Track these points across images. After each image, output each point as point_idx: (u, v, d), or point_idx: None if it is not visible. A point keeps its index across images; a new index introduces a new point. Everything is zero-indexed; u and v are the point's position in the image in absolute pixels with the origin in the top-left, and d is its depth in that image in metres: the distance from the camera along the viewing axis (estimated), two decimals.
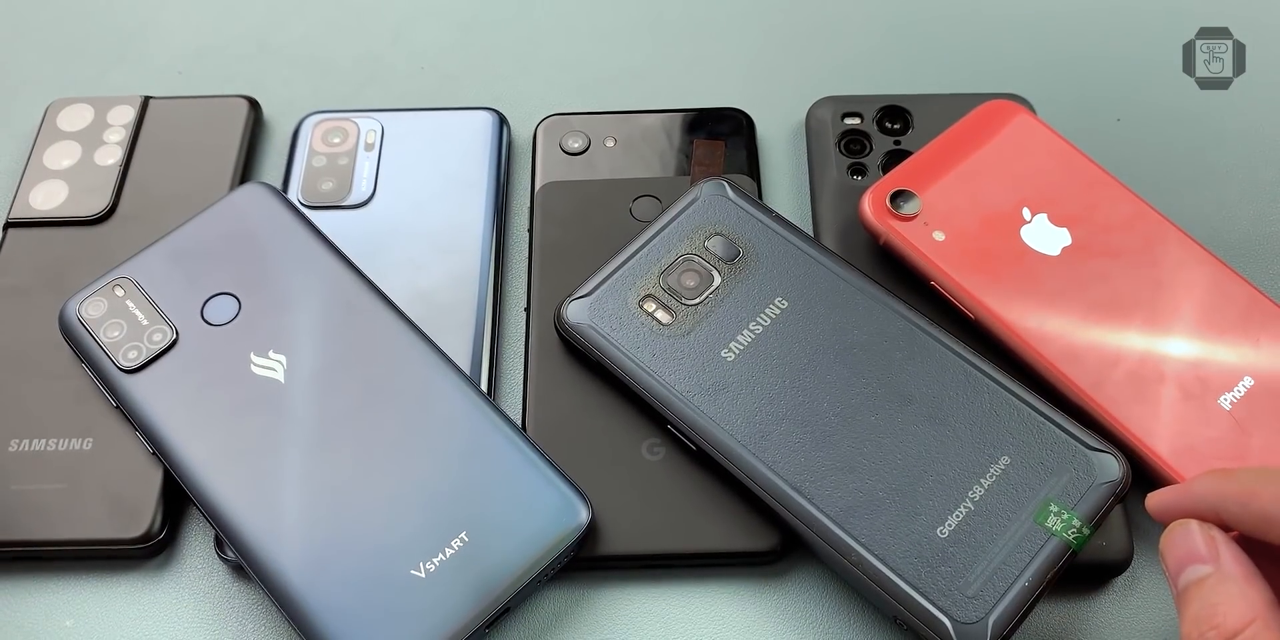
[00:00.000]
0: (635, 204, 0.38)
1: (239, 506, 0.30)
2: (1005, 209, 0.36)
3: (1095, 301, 0.34)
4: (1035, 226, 0.36)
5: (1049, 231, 0.36)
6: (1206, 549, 0.25)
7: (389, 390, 0.32)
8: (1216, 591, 0.25)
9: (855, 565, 0.29)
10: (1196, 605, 0.25)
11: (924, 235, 0.35)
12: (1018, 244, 0.35)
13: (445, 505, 0.30)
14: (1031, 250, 0.35)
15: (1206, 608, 0.24)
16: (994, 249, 0.35)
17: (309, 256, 0.35)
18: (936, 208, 0.36)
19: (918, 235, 0.35)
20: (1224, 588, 0.25)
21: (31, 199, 0.39)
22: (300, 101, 0.43)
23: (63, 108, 0.41)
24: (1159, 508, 0.27)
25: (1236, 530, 0.26)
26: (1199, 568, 0.25)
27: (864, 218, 0.36)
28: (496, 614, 0.29)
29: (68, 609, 0.32)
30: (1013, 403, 0.31)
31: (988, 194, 0.36)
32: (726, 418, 0.31)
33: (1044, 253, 0.35)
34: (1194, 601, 0.25)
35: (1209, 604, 0.24)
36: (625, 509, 0.32)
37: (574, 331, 0.34)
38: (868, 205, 0.36)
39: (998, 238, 0.35)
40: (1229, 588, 0.24)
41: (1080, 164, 0.37)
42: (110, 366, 0.33)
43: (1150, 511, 0.27)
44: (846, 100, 0.41)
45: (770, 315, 0.33)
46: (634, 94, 0.43)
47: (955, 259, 0.35)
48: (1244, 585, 0.24)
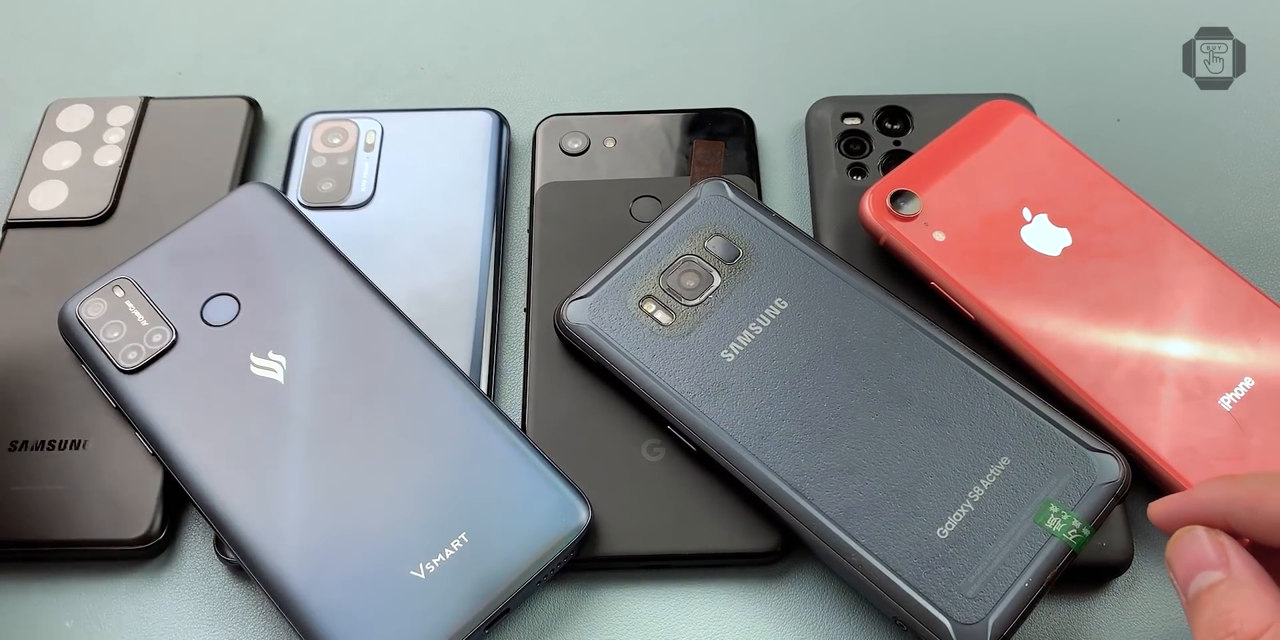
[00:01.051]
0: (635, 204, 0.38)
1: (239, 507, 0.30)
2: (1005, 209, 0.36)
3: (1095, 302, 0.34)
4: (1035, 227, 0.36)
5: (1049, 232, 0.36)
6: (1216, 555, 0.25)
7: (388, 391, 0.32)
8: (1229, 597, 0.24)
9: (855, 566, 0.29)
10: (1210, 612, 0.24)
11: (924, 235, 0.35)
12: (1018, 244, 0.35)
13: (445, 506, 0.30)
14: (1032, 250, 0.35)
15: (1220, 614, 0.24)
16: (994, 249, 0.35)
17: (309, 257, 0.35)
18: (937, 208, 0.36)
19: (918, 235, 0.35)
20: (1237, 593, 0.24)
21: (31, 199, 0.39)
22: (300, 102, 0.43)
23: (62, 108, 0.41)
24: (1163, 516, 0.27)
25: (1246, 537, 0.25)
26: (1210, 574, 0.25)
27: (864, 218, 0.36)
28: (496, 614, 0.29)
29: (68, 609, 0.32)
30: (1013, 403, 0.31)
31: (988, 194, 0.36)
32: (726, 418, 0.31)
33: (1044, 253, 0.35)
34: (1207, 608, 0.24)
35: (1223, 610, 0.24)
36: (625, 509, 0.32)
37: (574, 332, 0.34)
38: (868, 205, 0.36)
39: (998, 238, 0.35)
40: (1242, 593, 0.24)
41: (1080, 164, 0.37)
42: (110, 367, 0.33)
43: (1154, 520, 0.27)
44: (846, 100, 0.41)
45: (770, 316, 0.33)
46: (634, 94, 0.43)
47: (955, 259, 0.35)
48: (1257, 590, 0.24)
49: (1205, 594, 0.25)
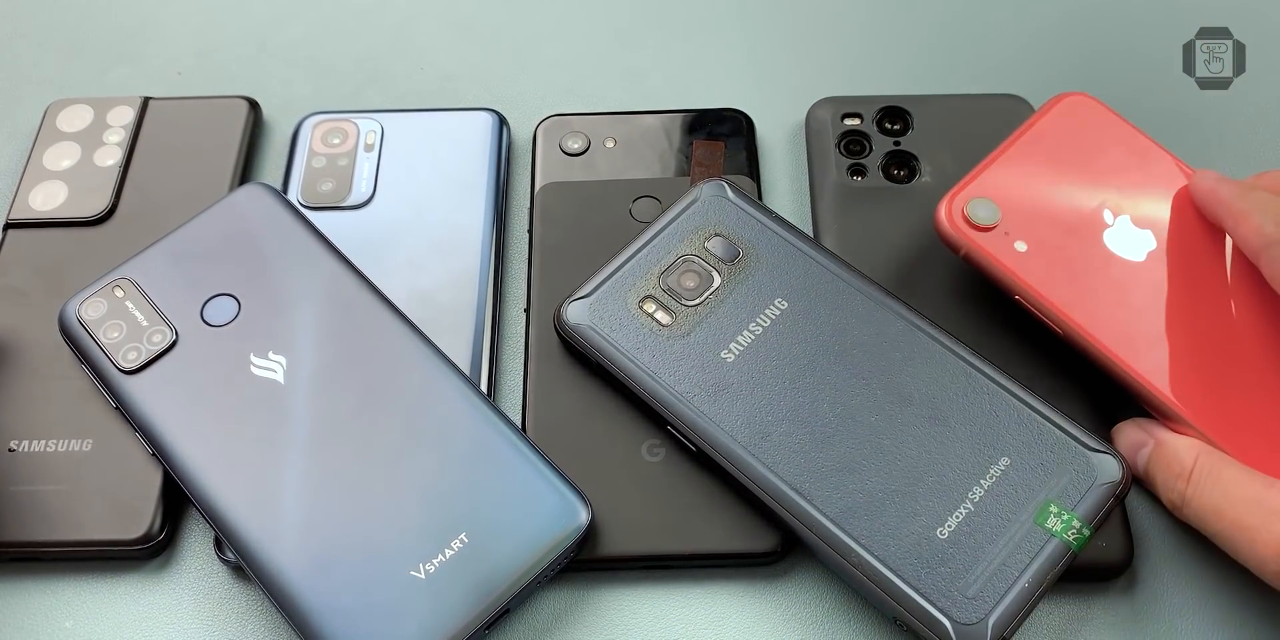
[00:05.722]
0: (635, 205, 0.38)
1: (239, 507, 0.30)
2: (1086, 213, 0.33)
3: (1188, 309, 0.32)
4: (1118, 230, 0.33)
5: (1133, 235, 0.33)
6: (1143, 434, 0.32)
7: (388, 391, 0.32)
8: (1162, 454, 0.31)
9: (855, 566, 0.29)
10: (1157, 472, 0.31)
11: (1006, 246, 0.33)
12: (1102, 250, 0.33)
13: (445, 506, 0.31)
14: (1117, 257, 0.33)
15: (1163, 469, 0.31)
16: (1079, 258, 0.33)
17: (309, 257, 0.35)
18: (1015, 215, 0.33)
19: (999, 247, 0.33)
20: (1165, 449, 0.31)
21: (31, 200, 0.39)
22: (300, 102, 0.43)
23: (62, 108, 0.41)
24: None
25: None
26: (1144, 449, 0.32)
27: (941, 230, 0.33)
28: (496, 615, 0.29)
29: (68, 609, 0.32)
30: (1012, 403, 0.31)
31: (1066, 197, 0.34)
32: (726, 419, 0.31)
33: (1130, 259, 0.33)
34: (1154, 471, 0.31)
35: (1163, 466, 0.31)
36: (625, 510, 0.32)
37: (574, 332, 0.34)
38: (943, 216, 0.33)
39: (1081, 245, 0.33)
40: (1169, 446, 0.31)
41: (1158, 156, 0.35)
42: (110, 367, 0.33)
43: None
44: (846, 101, 0.41)
45: (770, 316, 0.33)
46: (634, 94, 0.43)
47: (1041, 271, 0.32)
48: (1178, 441, 0.31)
49: (1149, 464, 0.32)
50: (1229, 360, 0.32)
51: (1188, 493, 0.30)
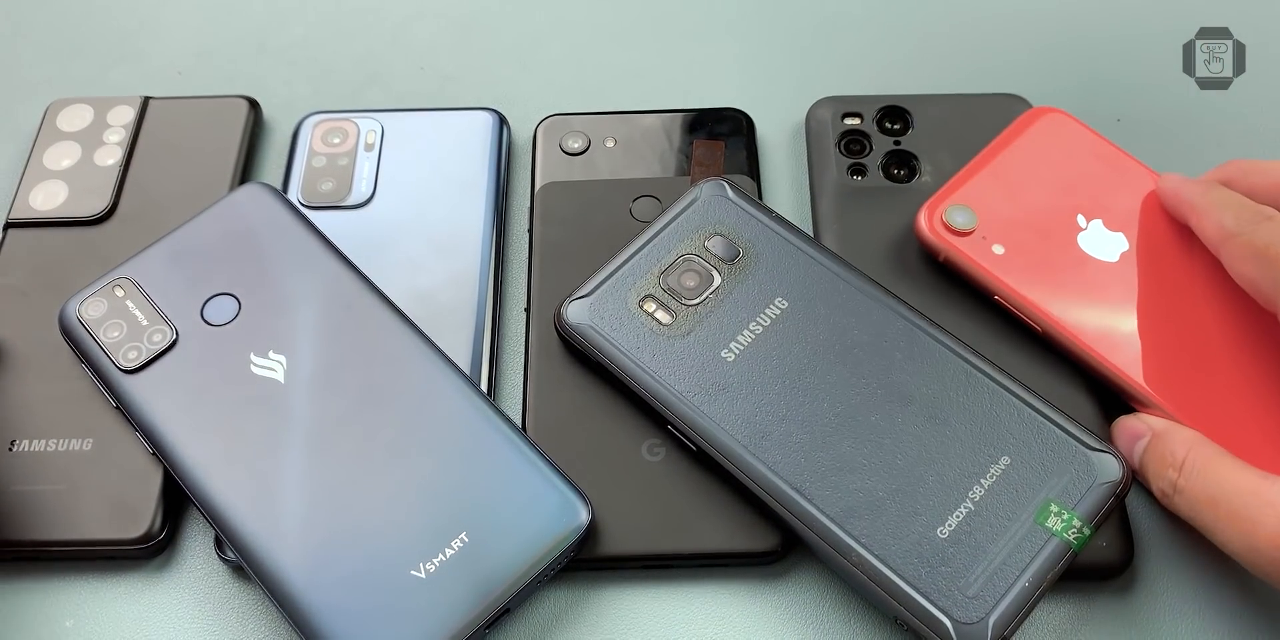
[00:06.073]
0: (635, 204, 0.38)
1: (239, 507, 0.30)
2: (1060, 217, 0.35)
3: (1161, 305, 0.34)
4: (1092, 233, 0.35)
5: (1106, 237, 0.35)
6: (1140, 427, 0.32)
7: (389, 391, 0.32)
8: (1157, 445, 0.31)
9: (855, 565, 0.29)
10: (1151, 463, 0.31)
11: (984, 249, 0.35)
12: (1077, 252, 0.35)
13: (445, 506, 0.30)
14: (1091, 258, 0.35)
15: (1156, 460, 0.31)
16: (1055, 259, 0.35)
17: (309, 257, 0.35)
18: (992, 221, 0.35)
19: (977, 250, 0.35)
20: (1161, 441, 0.31)
21: (31, 199, 0.39)
22: (300, 102, 0.43)
23: (62, 108, 0.41)
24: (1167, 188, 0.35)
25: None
26: (1141, 441, 0.32)
27: (921, 235, 0.35)
28: (496, 615, 0.29)
29: (68, 609, 0.32)
30: (1013, 403, 0.31)
31: (1040, 203, 0.36)
32: (727, 418, 0.31)
33: (1104, 260, 0.35)
34: (1148, 462, 0.31)
35: (1157, 457, 0.31)
36: (625, 509, 0.32)
37: (574, 332, 0.34)
38: (924, 222, 0.35)
39: (1057, 247, 0.35)
40: (1165, 439, 0.31)
41: (1129, 166, 0.36)
42: (110, 367, 0.33)
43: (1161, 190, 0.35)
44: (846, 100, 0.41)
45: (770, 315, 0.33)
46: (634, 94, 0.43)
47: (1018, 272, 0.34)
48: (1173, 433, 0.31)
49: (1144, 455, 0.31)
50: (1199, 349, 0.33)
51: (1180, 482, 0.30)
